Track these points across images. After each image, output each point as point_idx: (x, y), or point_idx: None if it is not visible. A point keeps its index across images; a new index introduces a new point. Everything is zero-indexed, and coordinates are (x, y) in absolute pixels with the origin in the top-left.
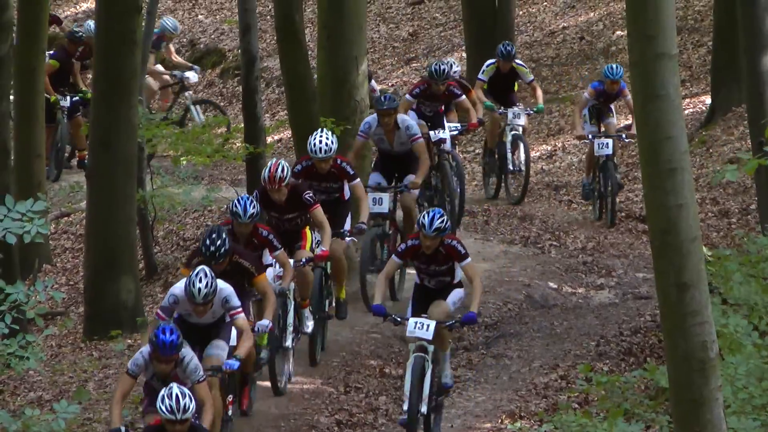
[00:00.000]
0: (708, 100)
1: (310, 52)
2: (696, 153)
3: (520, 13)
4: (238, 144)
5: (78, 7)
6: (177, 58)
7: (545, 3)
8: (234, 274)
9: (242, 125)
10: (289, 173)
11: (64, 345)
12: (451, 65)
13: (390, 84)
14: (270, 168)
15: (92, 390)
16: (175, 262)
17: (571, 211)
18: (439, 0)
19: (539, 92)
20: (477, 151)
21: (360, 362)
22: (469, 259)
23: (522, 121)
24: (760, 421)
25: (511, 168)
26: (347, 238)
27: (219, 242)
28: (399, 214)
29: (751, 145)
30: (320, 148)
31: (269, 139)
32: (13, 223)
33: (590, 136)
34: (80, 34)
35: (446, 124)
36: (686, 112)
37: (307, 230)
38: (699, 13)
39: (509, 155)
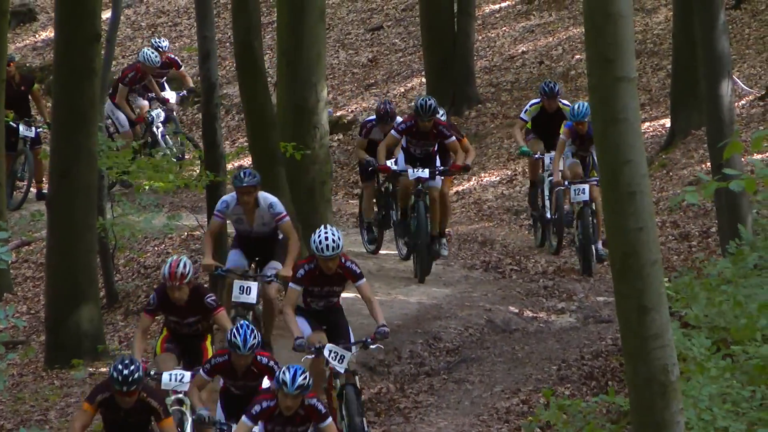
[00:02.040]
0: (667, 123)
1: (270, 79)
2: (656, 176)
3: (480, 38)
4: (197, 171)
5: (37, 36)
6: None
7: (504, 28)
8: (140, 412)
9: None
10: (191, 271)
11: (26, 374)
12: (436, 109)
13: (349, 110)
14: (170, 264)
15: (54, 419)
16: (137, 290)
17: (531, 235)
18: (398, 26)
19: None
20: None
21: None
22: None
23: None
24: None
25: (549, 217)
26: (372, 347)
27: (132, 368)
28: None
29: (710, 168)
30: (327, 245)
31: (229, 166)
32: None
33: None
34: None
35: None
36: (646, 135)
37: (208, 344)
38: (658, 36)
39: (547, 203)
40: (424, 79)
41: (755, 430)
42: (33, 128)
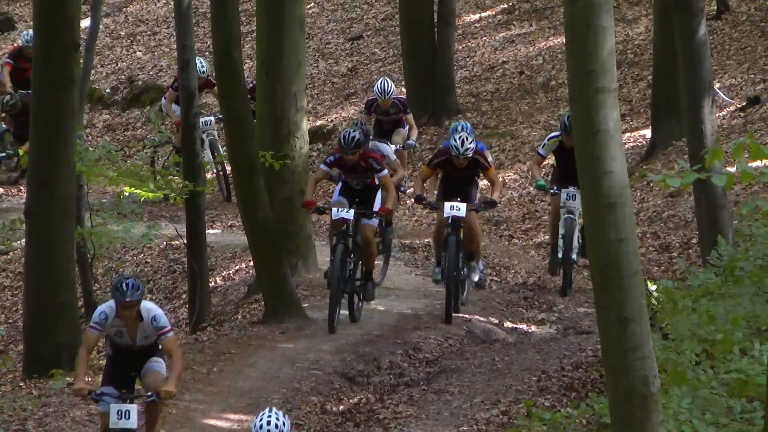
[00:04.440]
0: (648, 134)
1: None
2: (636, 187)
3: (460, 47)
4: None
5: (15, 44)
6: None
7: (485, 38)
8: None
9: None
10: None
11: (4, 384)
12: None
13: (329, 119)
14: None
15: (32, 429)
16: None
17: (511, 246)
18: (378, 35)
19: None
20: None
21: (301, 398)
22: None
23: (577, 202)
24: None
25: (562, 256)
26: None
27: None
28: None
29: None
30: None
31: (208, 176)
32: None
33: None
34: (10, 105)
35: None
36: (626, 146)
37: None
38: (638, 47)
39: (560, 242)
40: (404, 89)
41: None
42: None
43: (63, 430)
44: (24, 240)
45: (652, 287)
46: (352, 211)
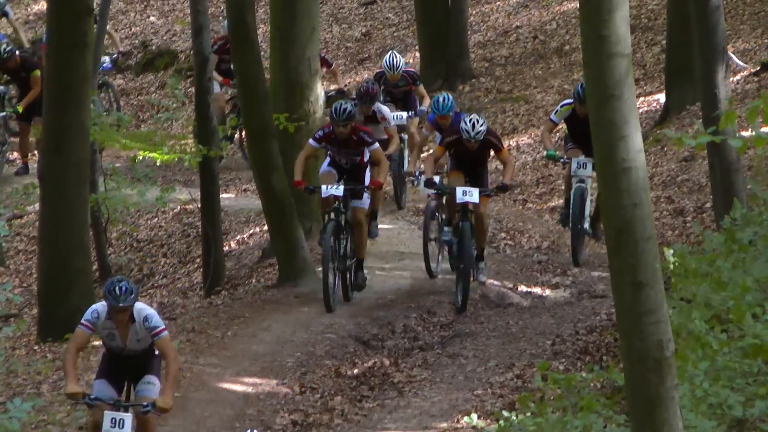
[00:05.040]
0: (662, 98)
1: (263, 53)
2: (650, 152)
3: (473, 12)
4: (190, 142)
5: (29, 10)
6: None
7: (498, 2)
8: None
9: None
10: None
11: (18, 347)
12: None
13: (344, 85)
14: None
15: (46, 392)
16: (129, 263)
17: (525, 210)
18: (392, 0)
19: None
20: None
21: (315, 362)
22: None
23: (589, 171)
24: (716, 419)
25: (572, 227)
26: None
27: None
28: None
29: (705, 144)
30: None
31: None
32: None
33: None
34: (8, 51)
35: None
36: (640, 110)
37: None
38: (652, 11)
39: (572, 212)
40: (417, 54)
41: (752, 404)
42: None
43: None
44: (38, 204)
45: (669, 252)
46: (341, 187)
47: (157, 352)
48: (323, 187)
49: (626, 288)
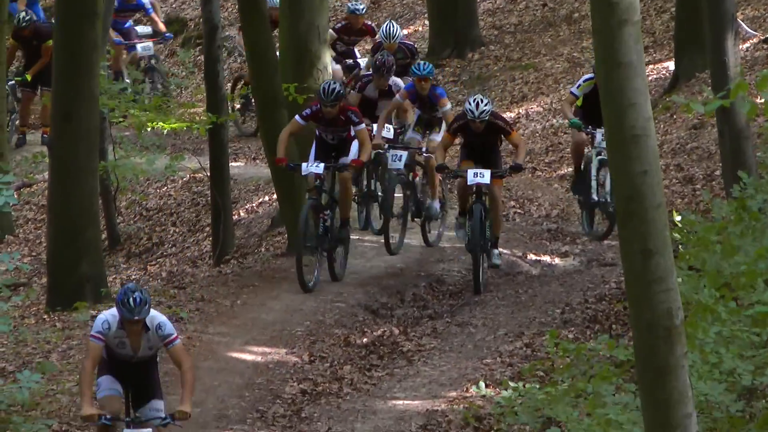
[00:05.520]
0: (671, 66)
1: None
2: (660, 119)
3: None
4: (200, 111)
5: None
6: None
7: None
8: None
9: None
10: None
11: (28, 316)
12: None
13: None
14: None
15: (56, 361)
16: (138, 232)
17: (535, 178)
18: None
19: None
20: None
21: (324, 331)
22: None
23: None
24: (726, 385)
25: (596, 199)
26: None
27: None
28: None
29: (714, 112)
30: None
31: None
32: None
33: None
34: (25, 21)
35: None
36: (650, 78)
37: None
38: None
39: (594, 184)
40: (426, 22)
41: (762, 372)
42: None
43: None
44: (47, 173)
45: (677, 217)
46: (321, 165)
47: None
48: (303, 165)
49: (635, 256)
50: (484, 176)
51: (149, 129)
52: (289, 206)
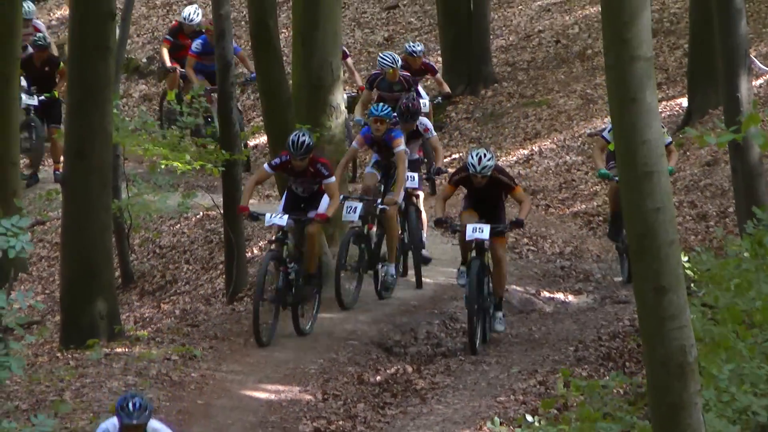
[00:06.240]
0: (684, 102)
1: (285, 58)
2: (666, 155)
3: (496, 16)
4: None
5: (51, 15)
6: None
7: (520, 6)
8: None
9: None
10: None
11: (41, 354)
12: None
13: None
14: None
15: (69, 399)
16: (152, 270)
17: (548, 215)
18: (414, 4)
19: (674, 156)
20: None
21: (338, 369)
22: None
23: None
24: (740, 424)
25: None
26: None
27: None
28: None
29: (728, 149)
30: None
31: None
32: None
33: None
34: (41, 42)
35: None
36: (663, 114)
37: None
38: (675, 15)
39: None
40: (440, 58)
41: None
42: (35, 96)
43: (100, 401)
44: (60, 210)
45: (684, 258)
46: (285, 216)
47: None
48: (267, 215)
49: (649, 293)
50: (483, 231)
51: (162, 167)
52: None
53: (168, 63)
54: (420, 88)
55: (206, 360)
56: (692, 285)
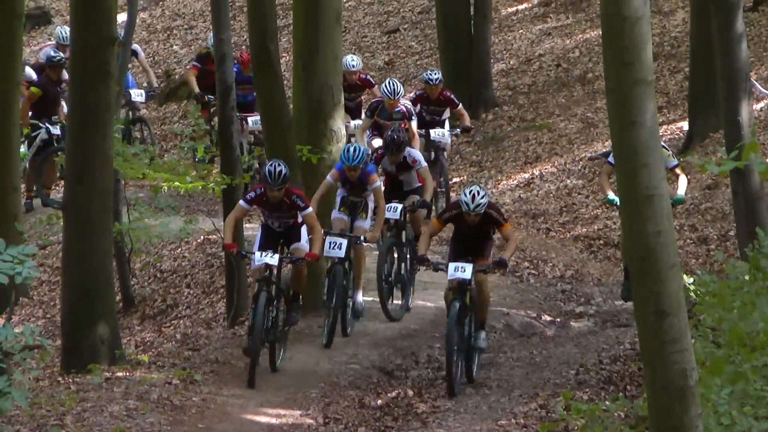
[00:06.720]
0: (685, 126)
1: (285, 82)
2: (674, 179)
3: (496, 40)
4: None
5: (52, 39)
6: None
7: (521, 30)
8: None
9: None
10: None
11: (42, 378)
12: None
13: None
14: None
15: (70, 424)
16: (153, 294)
17: (549, 239)
18: (415, 28)
19: (682, 180)
20: None
21: (339, 393)
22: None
23: None
24: None
25: None
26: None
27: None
28: None
29: (729, 172)
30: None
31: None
32: (4, 264)
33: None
34: (58, 58)
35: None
36: (663, 138)
37: None
38: (675, 39)
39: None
40: None
41: None
42: (58, 126)
43: (101, 425)
44: (61, 234)
45: (689, 281)
46: (276, 256)
47: None
48: (256, 254)
49: (650, 316)
50: (465, 271)
51: (165, 190)
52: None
53: (196, 89)
54: (446, 122)
55: (207, 384)
56: (694, 307)
